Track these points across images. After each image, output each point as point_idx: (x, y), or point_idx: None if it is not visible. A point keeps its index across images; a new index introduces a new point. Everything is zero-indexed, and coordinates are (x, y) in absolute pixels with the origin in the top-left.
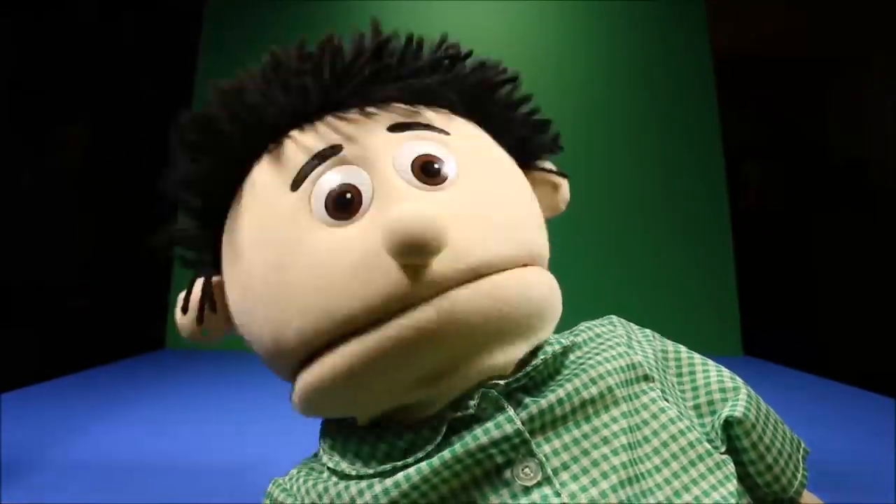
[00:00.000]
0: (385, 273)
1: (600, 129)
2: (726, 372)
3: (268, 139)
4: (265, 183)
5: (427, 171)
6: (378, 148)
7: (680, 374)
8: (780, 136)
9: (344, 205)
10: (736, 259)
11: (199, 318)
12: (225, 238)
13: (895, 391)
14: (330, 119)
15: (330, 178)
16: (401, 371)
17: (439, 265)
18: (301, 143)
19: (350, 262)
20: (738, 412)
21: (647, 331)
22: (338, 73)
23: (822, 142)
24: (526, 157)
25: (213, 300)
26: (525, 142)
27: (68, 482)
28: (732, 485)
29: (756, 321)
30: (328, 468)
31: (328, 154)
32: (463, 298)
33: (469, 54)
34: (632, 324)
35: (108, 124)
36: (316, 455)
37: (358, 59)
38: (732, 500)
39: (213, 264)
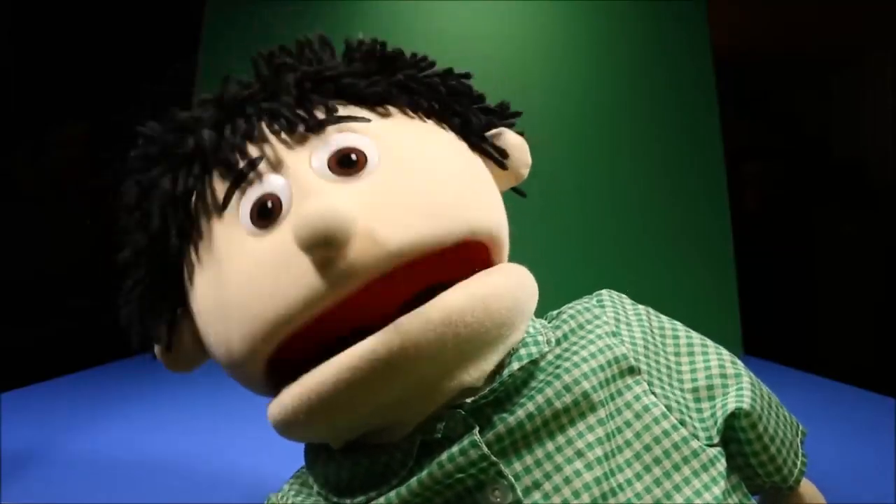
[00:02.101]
0: (303, 271)
1: (600, 128)
2: (727, 355)
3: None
4: (200, 209)
5: (342, 163)
6: (294, 151)
7: (678, 354)
8: (780, 136)
9: (265, 213)
10: (736, 259)
11: (169, 348)
12: (181, 275)
13: (895, 391)
14: (240, 136)
15: (252, 191)
16: (360, 403)
17: (356, 254)
18: (223, 165)
19: (272, 265)
20: (746, 404)
21: (641, 308)
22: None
23: (821, 141)
24: (473, 135)
25: (175, 333)
26: (467, 120)
27: (68, 482)
28: (719, 488)
29: (756, 321)
30: (315, 490)
31: (249, 168)
32: (413, 327)
33: (393, 54)
34: (625, 299)
35: (108, 123)
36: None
37: (279, 72)
38: None
39: (178, 298)
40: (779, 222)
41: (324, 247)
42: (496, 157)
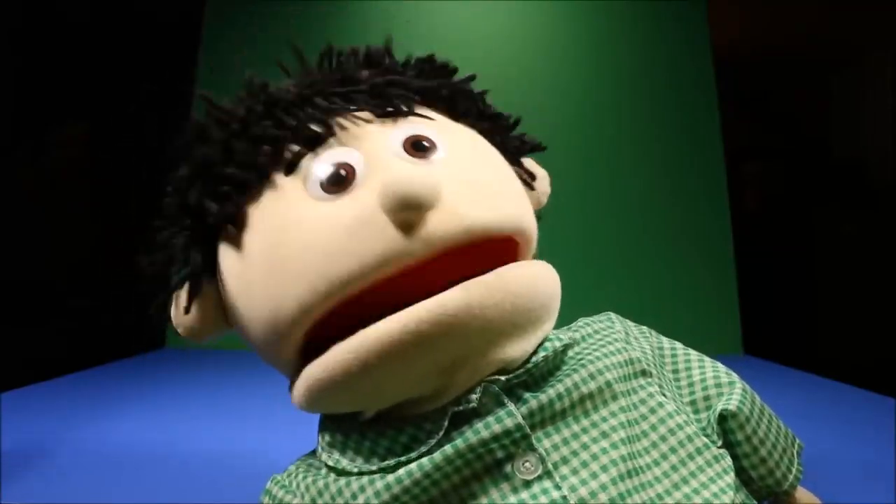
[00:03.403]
0: (380, 231)
1: (600, 129)
2: (722, 368)
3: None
4: (255, 174)
5: (417, 147)
6: (369, 130)
7: (676, 371)
8: (780, 136)
9: (338, 180)
10: (736, 259)
11: (186, 311)
12: (220, 235)
13: (895, 391)
14: (320, 108)
15: (323, 159)
16: (416, 363)
17: (434, 223)
18: (293, 133)
19: (345, 225)
20: (733, 406)
21: (644, 328)
22: (331, 72)
23: (822, 141)
24: (512, 154)
25: (196, 297)
26: (506, 142)
27: (68, 482)
28: (730, 477)
29: (756, 320)
30: (327, 466)
31: (321, 138)
32: (479, 290)
33: (454, 70)
34: (628, 321)
35: (108, 123)
36: (314, 452)
37: (351, 65)
38: (730, 492)
39: (203, 267)
40: (779, 222)
41: (411, 209)
42: (526, 179)
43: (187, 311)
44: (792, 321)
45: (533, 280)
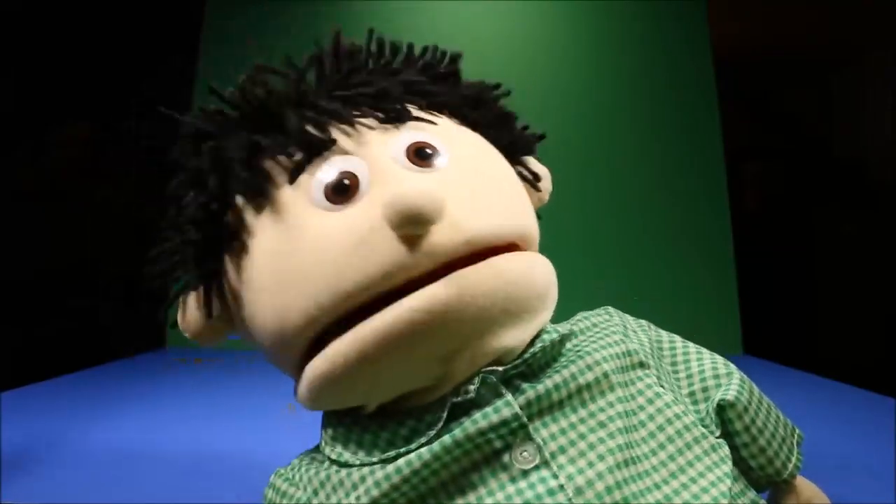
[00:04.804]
0: (385, 244)
1: (600, 128)
2: (720, 359)
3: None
4: (261, 180)
5: (420, 155)
6: (372, 138)
7: (675, 363)
8: (780, 136)
9: (342, 190)
10: (736, 259)
11: (208, 315)
12: (228, 242)
13: (895, 391)
14: (323, 113)
15: (327, 168)
16: (413, 352)
17: (437, 236)
18: (296, 140)
19: (350, 238)
20: (730, 395)
21: (643, 321)
22: (333, 73)
23: (822, 141)
24: (509, 156)
25: (210, 304)
26: (509, 143)
27: (69, 482)
28: (727, 466)
29: (756, 321)
30: (329, 459)
31: (324, 147)
32: (471, 278)
33: (455, 68)
34: (627, 315)
35: (108, 122)
36: (317, 447)
37: (354, 60)
38: (727, 481)
39: (210, 275)
40: (779, 222)
41: (416, 224)
42: (531, 181)
43: (205, 315)
44: (792, 321)
45: (526, 269)
